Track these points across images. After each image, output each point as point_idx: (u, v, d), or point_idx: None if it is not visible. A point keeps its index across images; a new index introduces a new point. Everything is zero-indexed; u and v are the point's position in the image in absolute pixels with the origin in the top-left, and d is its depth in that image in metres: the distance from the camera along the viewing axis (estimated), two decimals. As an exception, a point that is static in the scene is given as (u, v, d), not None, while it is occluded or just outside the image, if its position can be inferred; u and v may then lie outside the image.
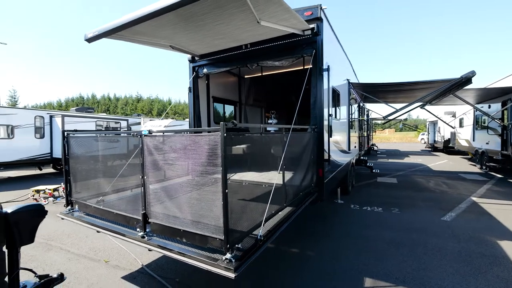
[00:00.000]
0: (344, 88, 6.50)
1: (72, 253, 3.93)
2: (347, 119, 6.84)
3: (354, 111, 8.47)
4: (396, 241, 4.23)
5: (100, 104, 62.44)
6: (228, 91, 6.97)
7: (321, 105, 4.14)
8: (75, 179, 3.22)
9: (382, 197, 7.15)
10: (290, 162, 3.15)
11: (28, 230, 1.92)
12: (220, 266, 1.90)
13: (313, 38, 4.07)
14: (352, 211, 5.90)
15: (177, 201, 2.31)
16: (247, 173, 3.95)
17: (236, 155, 5.51)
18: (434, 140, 22.50)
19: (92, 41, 3.35)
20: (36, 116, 10.31)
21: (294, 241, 4.27)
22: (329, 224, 5.08)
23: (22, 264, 3.77)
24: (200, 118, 5.54)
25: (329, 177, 4.58)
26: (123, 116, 25.50)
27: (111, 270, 3.43)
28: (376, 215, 5.60)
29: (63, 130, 3.13)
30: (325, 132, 4.15)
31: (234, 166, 5.38)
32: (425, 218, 5.34)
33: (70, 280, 3.19)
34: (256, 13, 3.02)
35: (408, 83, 7.05)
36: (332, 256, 3.74)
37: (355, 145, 8.63)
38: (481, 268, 3.39)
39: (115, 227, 2.71)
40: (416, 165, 13.89)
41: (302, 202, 3.58)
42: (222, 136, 1.88)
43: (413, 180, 9.69)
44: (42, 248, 4.10)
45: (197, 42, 4.18)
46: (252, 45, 4.48)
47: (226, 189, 1.92)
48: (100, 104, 62.44)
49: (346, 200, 6.80)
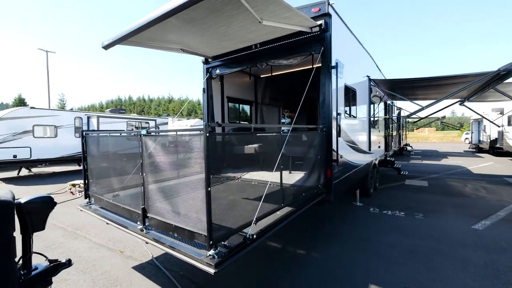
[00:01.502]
0: (363, 86, 6.20)
1: (94, 242, 4.31)
2: (367, 118, 6.51)
3: (378, 109, 8.01)
4: (413, 249, 3.94)
5: (136, 105, 66.94)
6: (243, 91, 7.06)
7: (330, 104, 4.01)
8: (92, 175, 3.55)
9: (407, 201, 6.68)
10: (291, 162, 3.12)
11: (39, 218, 2.18)
12: (203, 262, 1.96)
13: (321, 35, 3.95)
14: (370, 215, 5.61)
15: (169, 197, 2.43)
16: (243, 173, 3.98)
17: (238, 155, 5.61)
18: (479, 140, 20.35)
19: (108, 48, 3.64)
20: (75, 117, 11.48)
21: (301, 242, 4.20)
22: (342, 226, 4.89)
23: (51, 249, 4.22)
24: (213, 118, 5.69)
25: (340, 178, 4.41)
26: (155, 116, 27.06)
27: (123, 260, 3.70)
28: (396, 220, 5.26)
29: (82, 130, 3.46)
30: (333, 132, 4.01)
31: (233, 165, 5.51)
32: (452, 226, 4.88)
33: (87, 267, 3.52)
34: (256, 13, 3.03)
35: (437, 78, 6.47)
36: (338, 260, 3.61)
37: (379, 145, 8.17)
38: (510, 282, 3.02)
39: (122, 220, 2.94)
40: (453, 168, 12.70)
41: (306, 202, 3.50)
42: (205, 136, 1.94)
43: (446, 183, 8.88)
44: (69, 236, 4.57)
45: (206, 44, 4.31)
46: (262, 44, 4.48)
47: (209, 187, 1.97)
48: (136, 105, 66.94)
49: (366, 202, 6.48)
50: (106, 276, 3.30)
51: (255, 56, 4.66)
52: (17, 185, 9.35)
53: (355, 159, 5.32)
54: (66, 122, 11.14)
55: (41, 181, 9.96)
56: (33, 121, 10.12)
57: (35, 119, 10.18)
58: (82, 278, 3.24)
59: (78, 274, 3.33)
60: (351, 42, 5.20)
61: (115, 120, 12.63)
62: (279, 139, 3.09)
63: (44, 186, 8.91)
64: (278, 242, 4.22)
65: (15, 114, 9.81)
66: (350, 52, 5.13)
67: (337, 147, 3.98)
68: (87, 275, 3.32)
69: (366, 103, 6.49)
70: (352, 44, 5.29)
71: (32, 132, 10.11)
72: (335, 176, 4.15)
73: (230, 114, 6.54)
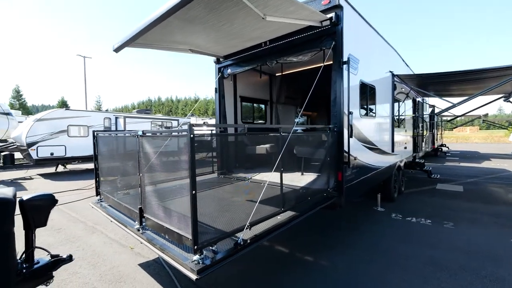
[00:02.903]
0: (385, 82, 5.76)
1: (109, 237, 4.51)
2: (389, 117, 6.04)
3: (404, 108, 7.42)
4: (437, 262, 3.54)
5: (164, 106, 70.12)
6: (257, 90, 6.95)
7: (341, 102, 3.75)
8: (102, 173, 3.70)
9: (436, 207, 6.09)
10: (303, 163, 2.95)
11: (40, 215, 2.28)
12: (187, 267, 1.90)
13: (332, 28, 3.71)
14: (391, 221, 5.19)
15: (162, 198, 2.41)
16: (255, 173, 3.86)
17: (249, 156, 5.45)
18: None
19: (118, 51, 3.76)
20: (105, 117, 12.28)
21: (309, 247, 3.99)
22: (357, 233, 4.57)
23: (70, 242, 4.46)
24: (225, 117, 5.67)
25: (354, 181, 4.12)
26: (182, 116, 28.08)
27: (132, 257, 3.81)
28: (421, 228, 4.80)
29: (93, 130, 3.63)
30: (345, 132, 3.74)
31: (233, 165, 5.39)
32: (486, 238, 4.32)
33: (98, 261, 3.68)
34: (257, 8, 2.91)
35: (474, 71, 5.78)
36: (348, 269, 3.36)
37: (405, 145, 7.56)
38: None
39: (124, 218, 3.00)
40: (496, 171, 11.38)
41: (312, 207, 3.31)
42: (189, 137, 1.87)
43: (486, 189, 7.96)
44: (88, 230, 4.84)
45: (214, 43, 4.28)
46: (271, 42, 4.35)
47: (194, 190, 1.90)
48: (164, 106, 70.12)
49: (389, 207, 6.02)
50: (113, 271, 3.41)
51: (264, 54, 4.53)
52: (53, 180, 10.23)
53: (373, 161, 4.95)
54: (97, 122, 11.96)
55: (74, 177, 10.77)
56: (68, 121, 11.03)
57: (69, 119, 11.09)
58: (91, 272, 3.39)
59: (89, 268, 3.49)
60: (368, 35, 4.84)
61: (140, 120, 13.30)
62: (281, 139, 2.94)
63: (75, 182, 9.62)
64: (285, 246, 4.07)
65: (52, 115, 10.76)
66: (367, 46, 4.77)
67: (349, 148, 3.71)
68: (96, 269, 3.47)
69: (388, 101, 6.03)
70: (369, 37, 4.92)
71: (67, 131, 11.02)
72: (348, 179, 3.88)
73: (243, 113, 6.48)
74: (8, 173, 11.49)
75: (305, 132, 4.94)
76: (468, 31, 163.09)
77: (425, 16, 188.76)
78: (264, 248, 4.00)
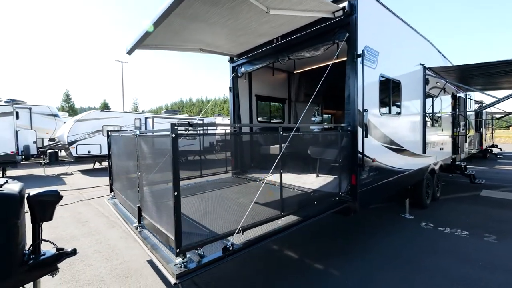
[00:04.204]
0: (414, 76, 5.20)
1: (126, 232, 4.71)
2: (420, 114, 5.45)
3: (440, 104, 6.65)
4: (469, 281, 3.07)
5: (195, 106, 72.76)
6: (275, 88, 6.76)
7: (355, 99, 3.43)
8: (113, 171, 3.86)
9: (477, 217, 5.35)
10: (318, 164, 2.74)
11: (46, 210, 2.42)
12: (169, 269, 1.85)
13: (346, 19, 3.41)
14: (420, 231, 4.66)
15: (155, 198, 2.40)
16: (270, 174, 3.72)
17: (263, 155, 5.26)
18: None
19: (131, 53, 3.89)
20: (135, 118, 13.08)
21: (319, 254, 3.73)
22: (379, 241, 4.17)
23: (91, 235, 4.73)
24: (240, 116, 5.60)
25: (371, 185, 3.76)
26: (211, 117, 28.94)
27: (142, 253, 3.90)
28: (455, 240, 4.23)
29: (108, 130, 3.80)
30: (359, 132, 3.41)
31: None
32: (537, 256, 3.66)
33: (112, 255, 3.85)
34: (257, 2, 2.78)
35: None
36: (361, 281, 3.06)
37: (441, 146, 6.79)
38: None
39: (128, 216, 3.08)
40: (560, 177, 9.73)
41: (319, 211, 3.07)
42: (171, 137, 1.81)
43: (543, 198, 6.81)
44: (109, 225, 5.12)
45: (224, 42, 4.22)
46: (283, 37, 4.17)
47: (176, 191, 1.84)
48: (195, 106, 72.76)
49: (419, 215, 5.45)
50: (123, 266, 3.54)
51: (276, 50, 4.37)
52: (90, 176, 11.15)
53: (397, 163, 4.49)
54: (128, 123, 12.79)
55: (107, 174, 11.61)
56: (103, 122, 11.95)
57: (104, 120, 12.01)
58: (103, 265, 3.55)
59: (102, 261, 3.67)
60: (391, 24, 4.38)
61: (167, 120, 13.92)
62: (282, 138, 2.77)
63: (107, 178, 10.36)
64: (294, 252, 3.86)
65: (89, 116, 11.77)
66: (389, 37, 4.33)
67: (363, 148, 3.37)
68: (108, 262, 3.63)
69: (419, 97, 5.44)
70: (393, 27, 4.45)
71: (102, 131, 11.94)
72: (363, 183, 3.55)
73: (259, 112, 6.35)
74: (53, 169, 12.83)
75: (321, 132, 4.64)
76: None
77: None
78: (270, 250, 3.85)
